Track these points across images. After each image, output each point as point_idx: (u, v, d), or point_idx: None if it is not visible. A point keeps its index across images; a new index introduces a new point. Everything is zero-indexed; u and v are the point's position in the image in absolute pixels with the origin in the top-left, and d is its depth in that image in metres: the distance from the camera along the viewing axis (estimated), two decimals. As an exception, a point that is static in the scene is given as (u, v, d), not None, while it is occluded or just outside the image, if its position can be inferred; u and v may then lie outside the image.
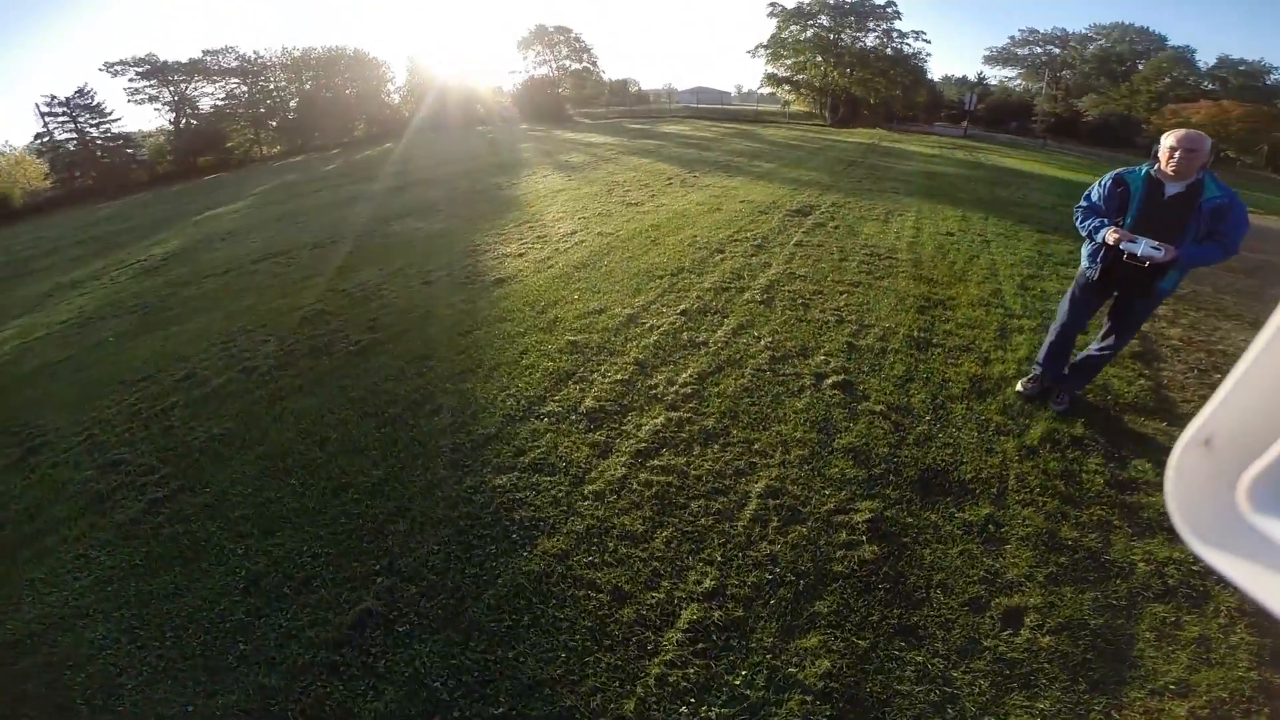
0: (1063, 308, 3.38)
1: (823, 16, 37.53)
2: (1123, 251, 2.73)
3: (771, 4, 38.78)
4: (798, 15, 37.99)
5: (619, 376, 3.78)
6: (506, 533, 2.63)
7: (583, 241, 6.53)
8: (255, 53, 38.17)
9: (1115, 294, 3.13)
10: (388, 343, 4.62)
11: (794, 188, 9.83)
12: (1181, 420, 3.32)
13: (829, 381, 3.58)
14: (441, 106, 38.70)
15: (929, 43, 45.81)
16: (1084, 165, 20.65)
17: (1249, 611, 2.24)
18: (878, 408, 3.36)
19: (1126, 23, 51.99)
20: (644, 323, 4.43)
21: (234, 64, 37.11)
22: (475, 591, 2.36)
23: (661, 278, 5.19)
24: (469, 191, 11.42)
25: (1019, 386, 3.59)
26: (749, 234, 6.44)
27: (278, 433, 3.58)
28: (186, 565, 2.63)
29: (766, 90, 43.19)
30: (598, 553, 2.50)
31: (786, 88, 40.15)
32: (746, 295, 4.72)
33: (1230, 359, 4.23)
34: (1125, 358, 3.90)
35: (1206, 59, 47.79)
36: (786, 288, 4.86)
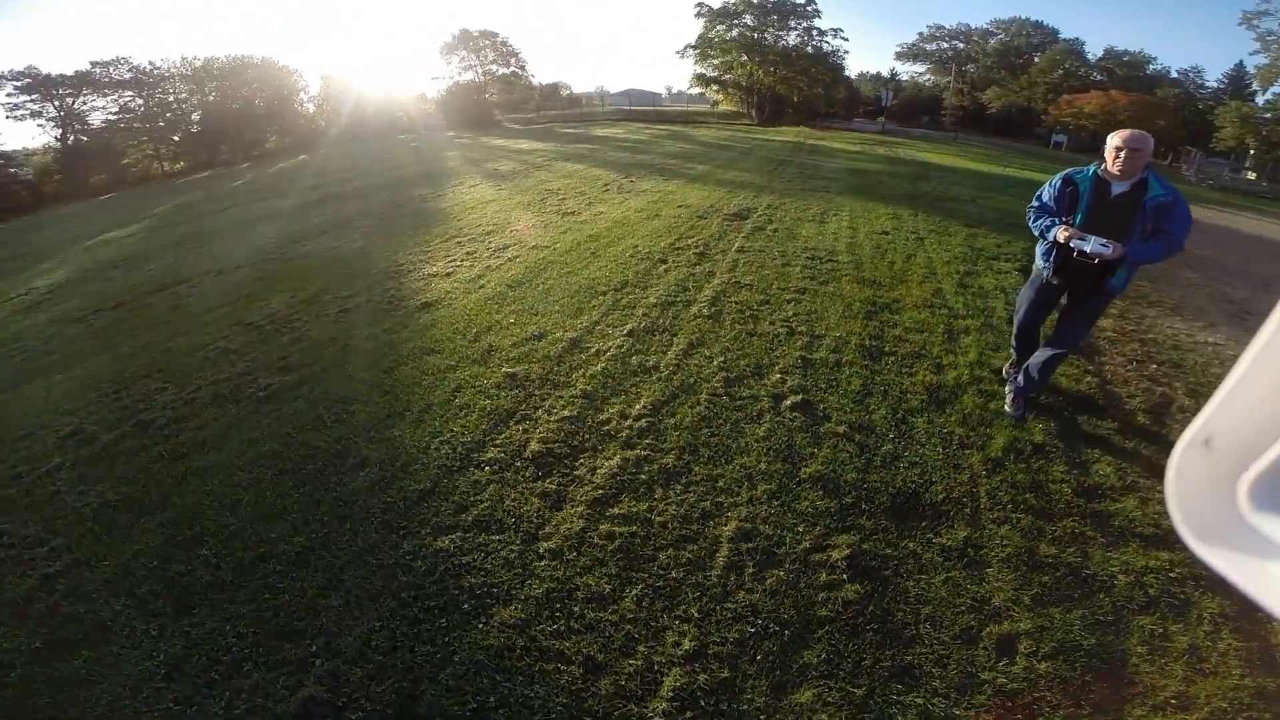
0: (1019, 307, 3.44)
1: (747, 16, 38.33)
2: (1074, 249, 2.79)
3: (699, 4, 39.29)
4: (724, 15, 38.64)
5: (566, 413, 3.45)
6: (456, 602, 2.31)
7: (517, 257, 6.16)
8: (151, 63, 35.23)
9: (1068, 292, 3.16)
10: (302, 385, 4.12)
11: (729, 190, 9.78)
12: (1131, 416, 3.37)
13: (788, 403, 3.42)
14: (361, 115, 37.05)
15: (846, 40, 47.66)
16: (992, 156, 21.92)
17: (1232, 615, 2.21)
18: (840, 429, 3.22)
19: (1024, 17, 55.81)
20: (589, 347, 4.14)
21: (127, 76, 34.08)
22: (430, 671, 2.06)
23: (604, 294, 4.92)
24: (390, 205, 10.76)
25: (1004, 372, 3.73)
26: (690, 241, 6.27)
27: (181, 496, 3.10)
28: (95, 648, 2.26)
29: (696, 90, 43.74)
30: (562, 619, 2.22)
31: (715, 88, 40.78)
32: (694, 310, 4.53)
33: (1161, 347, 4.39)
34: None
35: (1095, 50, 51.82)
36: (733, 299, 4.70)
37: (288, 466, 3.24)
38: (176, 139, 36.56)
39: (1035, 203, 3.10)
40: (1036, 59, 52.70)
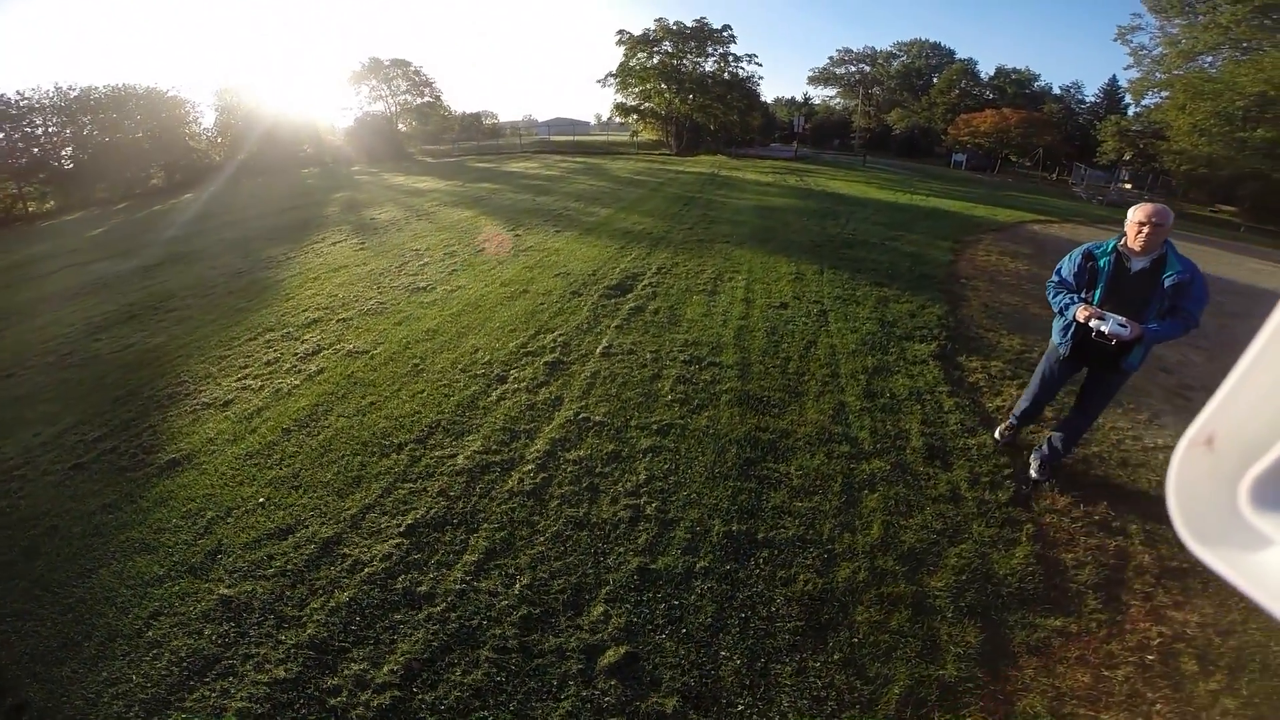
0: (1035, 380, 3.41)
1: (666, 43, 38.29)
2: (1092, 329, 2.79)
3: (619, 32, 38.94)
4: (643, 42, 38.44)
5: (281, 673, 2.32)
6: None
7: (321, 372, 4.76)
8: (19, 94, 31.12)
9: (1085, 369, 3.15)
10: None
11: (622, 244, 8.73)
12: (1080, 601, 2.42)
13: (605, 663, 2.26)
14: (261, 147, 34.28)
15: (760, 65, 48.59)
16: (898, 181, 22.17)
17: None
18: (670, 704, 2.10)
19: (924, 39, 59.26)
20: (344, 556, 2.85)
21: (-14, 107, 29.93)
22: None
23: (400, 450, 3.60)
24: (229, 273, 9.05)
25: (995, 434, 3.75)
26: (548, 340, 5.06)
27: None
28: None
29: (619, 120, 43.37)
30: None
31: (634, 117, 40.43)
32: (513, 480, 3.28)
33: (1109, 465, 3.58)
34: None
35: (988, 69, 55.42)
36: (573, 454, 3.49)
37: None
38: (43, 176, 32.48)
39: (1055, 277, 3.10)
40: (935, 80, 55.91)
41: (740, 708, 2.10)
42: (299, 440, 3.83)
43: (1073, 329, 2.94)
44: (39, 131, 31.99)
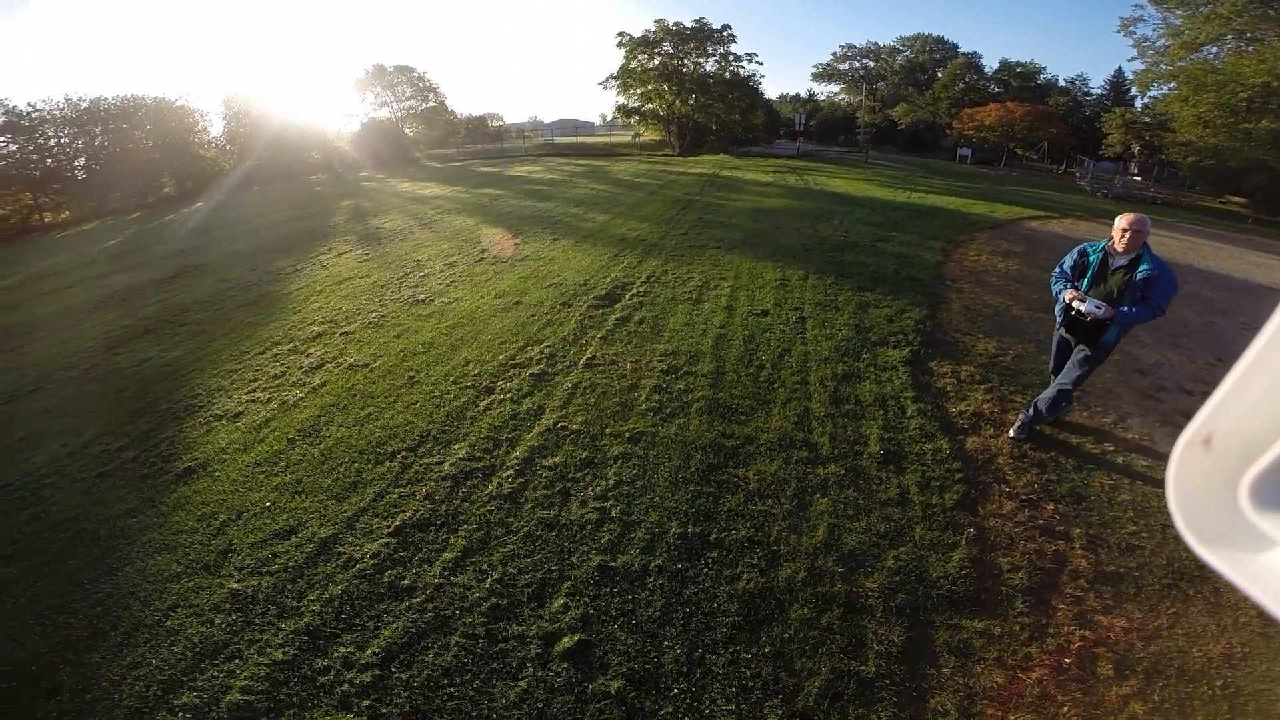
0: (1053, 358, 4.14)
1: (666, 44, 38.37)
2: (1073, 309, 3.52)
3: (619, 34, 39.11)
4: (644, 44, 38.56)
5: (279, 655, 2.68)
6: None
7: (325, 384, 5.10)
8: (31, 105, 31.96)
9: (1078, 343, 3.78)
10: (18, 582, 3.34)
11: (617, 252, 9.01)
12: (1009, 604, 2.64)
13: (560, 648, 2.56)
14: (270, 155, 34.89)
15: (761, 64, 48.49)
16: (899, 178, 22.20)
17: None
18: (614, 685, 2.38)
19: (927, 33, 58.84)
20: (339, 553, 3.18)
21: (1, 119, 30.78)
22: None
23: (393, 458, 3.92)
24: (239, 285, 9.45)
25: (1010, 433, 4.15)
26: (536, 351, 5.35)
27: None
28: None
29: (621, 122, 43.56)
30: None
31: (636, 118, 40.59)
32: (493, 485, 3.58)
33: (1063, 472, 3.78)
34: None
35: (991, 63, 54.85)
36: (550, 460, 3.79)
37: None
38: (57, 187, 33.31)
39: (1058, 269, 3.77)
40: (939, 74, 55.50)
41: (675, 692, 2.37)
42: (303, 449, 4.16)
43: (1062, 309, 3.67)
44: (51, 143, 32.84)
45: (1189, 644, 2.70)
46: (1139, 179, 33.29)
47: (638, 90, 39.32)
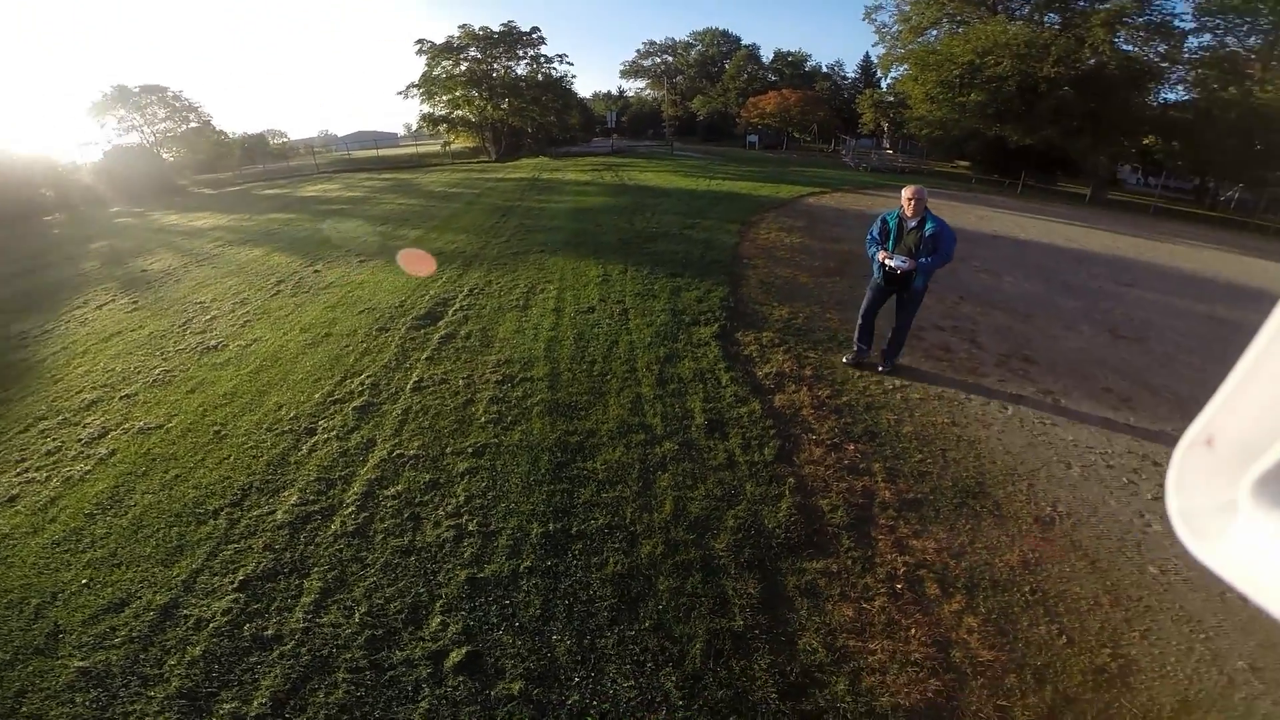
0: (862, 308, 5.01)
1: (473, 49, 37.00)
2: (886, 266, 4.54)
3: (419, 41, 36.80)
4: (448, 50, 36.79)
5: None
6: None
7: (114, 453, 4.28)
8: None
9: (894, 292, 4.73)
10: None
11: (434, 268, 8.66)
12: (836, 540, 3.10)
13: (451, 662, 2.53)
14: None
15: (573, 65, 48.91)
16: (700, 167, 24.08)
17: None
18: (515, 687, 2.43)
19: (715, 28, 63.87)
20: (185, 616, 2.83)
21: None
22: None
23: (216, 515, 3.47)
24: (-40, 366, 7.43)
25: (844, 358, 5.31)
26: (356, 384, 5.00)
27: None
28: None
29: (429, 131, 41.29)
30: None
31: (445, 126, 38.79)
32: (335, 524, 3.34)
33: (855, 412, 4.44)
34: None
35: (768, 53, 61.16)
36: (392, 490, 3.62)
37: None
38: None
39: (869, 236, 4.71)
40: (727, 66, 60.75)
41: (576, 680, 2.45)
42: (107, 522, 3.53)
43: (878, 267, 4.61)
44: None
45: (991, 556, 3.01)
46: (890, 152, 39.58)
47: (444, 97, 37.63)
